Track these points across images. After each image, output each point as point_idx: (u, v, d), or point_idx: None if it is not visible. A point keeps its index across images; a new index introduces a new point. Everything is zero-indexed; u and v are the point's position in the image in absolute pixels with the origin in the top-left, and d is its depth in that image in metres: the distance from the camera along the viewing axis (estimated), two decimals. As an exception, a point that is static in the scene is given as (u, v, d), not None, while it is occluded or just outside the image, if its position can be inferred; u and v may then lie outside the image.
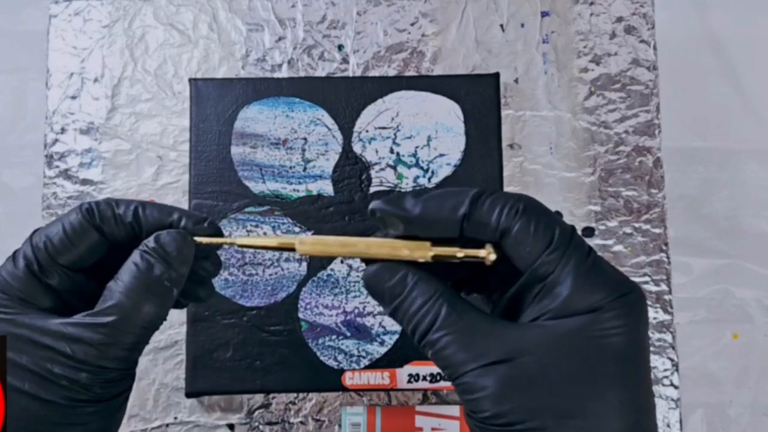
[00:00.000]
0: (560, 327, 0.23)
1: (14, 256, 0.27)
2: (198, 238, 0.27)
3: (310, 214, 0.48)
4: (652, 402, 0.24)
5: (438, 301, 0.25)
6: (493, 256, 0.25)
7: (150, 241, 0.26)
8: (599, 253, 0.50)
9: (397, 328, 0.47)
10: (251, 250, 0.48)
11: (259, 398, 0.49)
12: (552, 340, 0.23)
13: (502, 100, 0.51)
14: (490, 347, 0.23)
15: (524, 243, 0.24)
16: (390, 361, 0.47)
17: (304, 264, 0.48)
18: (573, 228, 0.25)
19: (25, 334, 0.25)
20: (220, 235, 0.29)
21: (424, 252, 0.26)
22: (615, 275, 0.24)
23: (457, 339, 0.24)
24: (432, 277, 0.26)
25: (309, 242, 0.27)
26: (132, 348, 0.26)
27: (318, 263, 0.48)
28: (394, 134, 0.49)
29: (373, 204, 0.26)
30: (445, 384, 0.46)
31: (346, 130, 0.49)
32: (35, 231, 0.27)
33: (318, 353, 0.47)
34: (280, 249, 0.27)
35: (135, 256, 0.26)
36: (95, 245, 0.27)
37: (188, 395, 0.47)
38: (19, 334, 0.25)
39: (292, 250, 0.27)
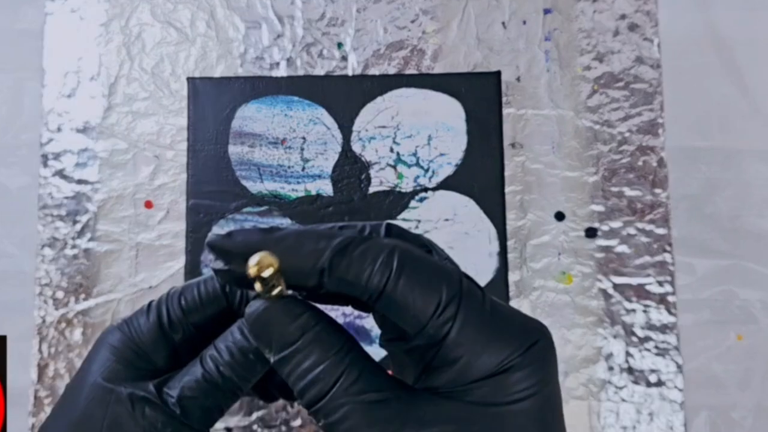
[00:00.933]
0: (468, 397, 0.20)
1: (149, 308, 0.28)
2: None
3: (309, 214, 0.47)
4: None
5: (343, 359, 0.21)
6: (259, 271, 0.20)
7: (248, 316, 0.28)
8: (601, 255, 0.50)
9: (397, 330, 0.46)
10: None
11: (257, 400, 0.48)
12: (460, 415, 0.20)
13: (504, 99, 0.50)
14: (398, 425, 0.20)
15: (406, 307, 0.21)
16: (389, 363, 0.46)
17: (303, 265, 0.47)
18: (461, 275, 0.21)
19: (125, 392, 0.26)
20: None
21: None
22: (516, 321, 0.21)
23: (359, 411, 0.20)
24: (337, 327, 0.22)
25: None
26: (210, 409, 0.27)
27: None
28: (394, 133, 0.48)
29: (211, 238, 0.22)
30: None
31: (346, 129, 0.48)
32: (172, 288, 0.29)
33: (317, 355, 0.46)
34: None
35: (233, 325, 0.27)
36: (221, 311, 0.28)
37: (185, 398, 0.46)
38: (118, 392, 0.26)
39: None
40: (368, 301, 0.21)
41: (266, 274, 0.20)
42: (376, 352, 0.46)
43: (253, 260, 0.20)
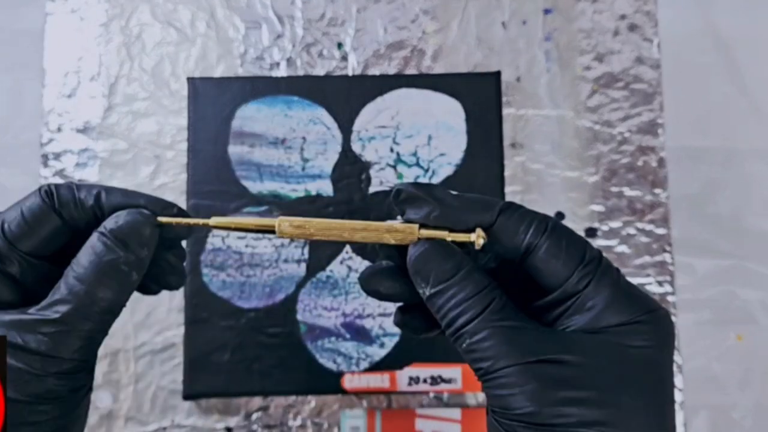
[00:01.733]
0: (595, 338, 0.24)
1: None
2: (163, 219, 0.26)
3: (309, 214, 0.47)
4: (674, 419, 0.25)
5: (488, 293, 0.24)
6: (482, 241, 0.25)
7: (108, 223, 0.25)
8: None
9: (398, 330, 0.46)
10: (250, 250, 0.47)
11: (257, 401, 0.48)
12: (589, 348, 0.23)
13: (504, 99, 0.50)
14: (534, 346, 0.23)
15: (554, 260, 0.24)
16: (390, 363, 0.46)
17: (303, 265, 0.47)
18: (599, 250, 0.25)
19: None
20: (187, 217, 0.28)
21: (411, 235, 0.25)
22: (642, 294, 0.25)
23: (501, 333, 0.23)
24: (482, 270, 0.25)
25: (290, 224, 0.26)
26: (89, 336, 0.25)
27: (317, 264, 0.47)
28: (394, 133, 0.48)
29: (402, 185, 0.26)
30: (445, 387, 0.45)
31: (346, 129, 0.48)
32: None
33: (317, 355, 0.46)
34: (259, 231, 0.26)
35: (92, 238, 0.25)
36: (56, 230, 0.26)
37: (186, 398, 0.46)
38: None
39: (272, 232, 0.26)
40: (521, 256, 0.25)
41: (481, 242, 0.25)
42: (377, 352, 0.46)
43: (481, 234, 0.25)
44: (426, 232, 0.25)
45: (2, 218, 0.26)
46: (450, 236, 0.25)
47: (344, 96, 0.48)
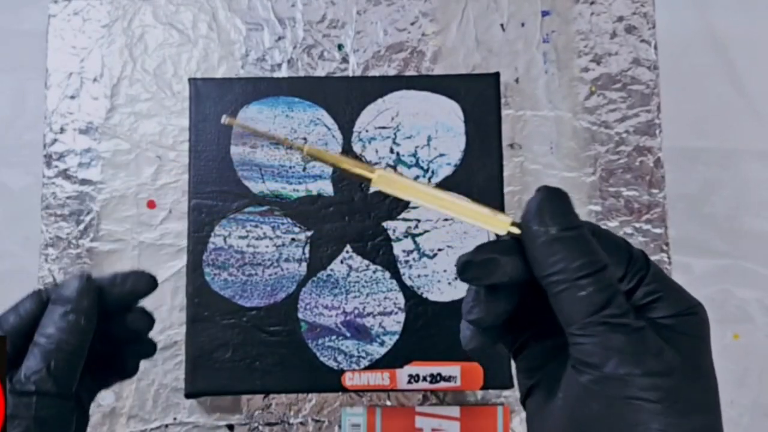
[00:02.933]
0: (656, 328, 0.25)
1: None
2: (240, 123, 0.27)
3: (309, 214, 0.48)
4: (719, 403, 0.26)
5: (603, 258, 0.25)
6: None
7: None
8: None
9: (397, 328, 0.47)
10: (251, 250, 0.47)
11: (258, 399, 0.49)
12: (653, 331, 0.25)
13: (503, 100, 0.51)
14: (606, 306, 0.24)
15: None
16: (390, 361, 0.46)
17: (304, 264, 0.48)
18: (641, 250, 0.26)
19: None
20: (154, 285, 0.32)
21: (504, 224, 0.26)
22: (684, 289, 0.26)
23: (601, 287, 0.24)
24: None
25: (387, 180, 0.26)
26: (59, 375, 0.28)
27: (318, 263, 0.48)
28: (394, 134, 0.49)
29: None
30: (445, 384, 0.46)
31: (346, 130, 0.49)
32: None
33: (318, 354, 0.47)
34: (353, 175, 0.26)
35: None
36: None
37: (188, 396, 0.47)
38: None
39: (367, 180, 0.26)
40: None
41: None
42: (377, 350, 0.47)
43: None
44: (514, 228, 0.27)
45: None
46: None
47: (345, 97, 0.49)
